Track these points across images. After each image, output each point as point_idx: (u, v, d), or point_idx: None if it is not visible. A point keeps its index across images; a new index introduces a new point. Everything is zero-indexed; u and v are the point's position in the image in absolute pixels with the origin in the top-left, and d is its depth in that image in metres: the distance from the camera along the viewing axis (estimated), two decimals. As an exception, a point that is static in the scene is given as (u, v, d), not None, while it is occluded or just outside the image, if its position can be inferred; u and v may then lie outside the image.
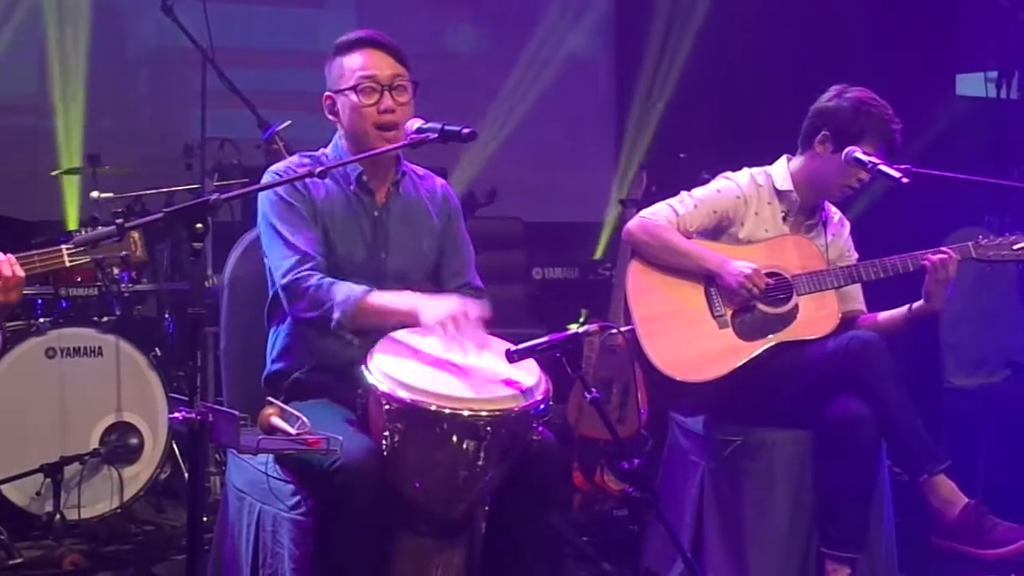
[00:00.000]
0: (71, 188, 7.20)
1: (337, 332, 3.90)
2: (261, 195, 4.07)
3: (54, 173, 6.57)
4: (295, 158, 4.22)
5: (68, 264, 3.98)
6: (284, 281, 3.95)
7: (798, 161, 4.85)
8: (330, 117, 4.17)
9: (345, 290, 3.88)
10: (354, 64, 4.07)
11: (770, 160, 4.92)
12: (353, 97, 4.04)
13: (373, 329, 3.89)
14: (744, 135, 7.92)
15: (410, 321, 3.84)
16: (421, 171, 4.33)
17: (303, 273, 3.92)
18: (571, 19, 9.30)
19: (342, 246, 4.04)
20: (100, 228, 3.75)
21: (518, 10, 9.10)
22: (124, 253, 3.99)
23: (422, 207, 4.24)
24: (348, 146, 4.14)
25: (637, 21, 9.03)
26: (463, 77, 8.22)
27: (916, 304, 4.70)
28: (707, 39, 8.38)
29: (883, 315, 4.83)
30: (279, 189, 4.01)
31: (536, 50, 9.11)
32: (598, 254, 8.51)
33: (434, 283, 4.23)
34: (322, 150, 4.21)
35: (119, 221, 3.44)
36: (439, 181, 4.35)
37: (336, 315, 3.85)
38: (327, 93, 4.15)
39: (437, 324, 3.73)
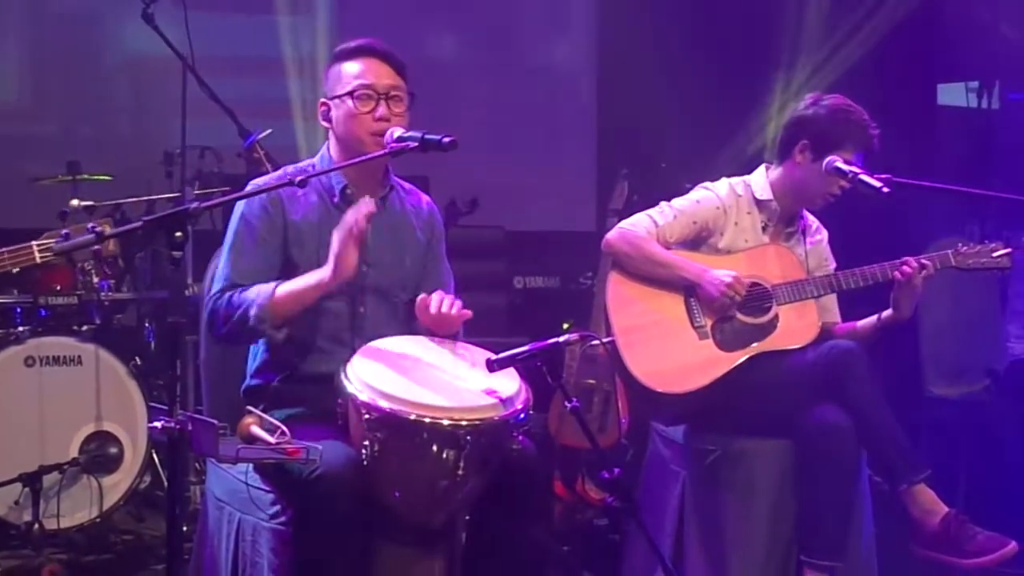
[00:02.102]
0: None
1: (258, 329, 3.90)
2: (235, 207, 4.07)
3: (45, 181, 6.54)
4: (279, 172, 4.22)
5: (39, 260, 3.96)
6: (208, 307, 4.00)
7: (777, 171, 4.85)
8: (323, 124, 4.15)
9: (256, 289, 3.91)
10: (353, 71, 4.07)
11: (750, 169, 4.93)
12: (349, 103, 4.03)
13: (294, 318, 3.91)
14: (726, 144, 7.98)
15: (324, 288, 3.87)
16: (408, 186, 4.32)
17: (222, 297, 3.96)
18: (553, 28, 9.31)
19: (324, 261, 4.02)
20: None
21: (500, 18, 9.09)
22: (96, 247, 3.96)
23: (407, 222, 4.23)
24: (338, 155, 4.13)
25: (619, 30, 9.03)
26: (444, 85, 8.21)
27: (885, 313, 4.72)
28: (689, 48, 8.37)
29: (858, 324, 4.85)
30: (248, 209, 4.03)
31: (518, 58, 9.12)
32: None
33: (412, 300, 4.19)
34: (308, 161, 4.21)
35: (99, 229, 3.42)
36: (424, 198, 4.34)
37: (253, 311, 3.86)
38: (322, 100, 4.14)
39: (339, 266, 3.78)
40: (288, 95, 8.08)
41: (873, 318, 4.77)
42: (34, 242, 4.04)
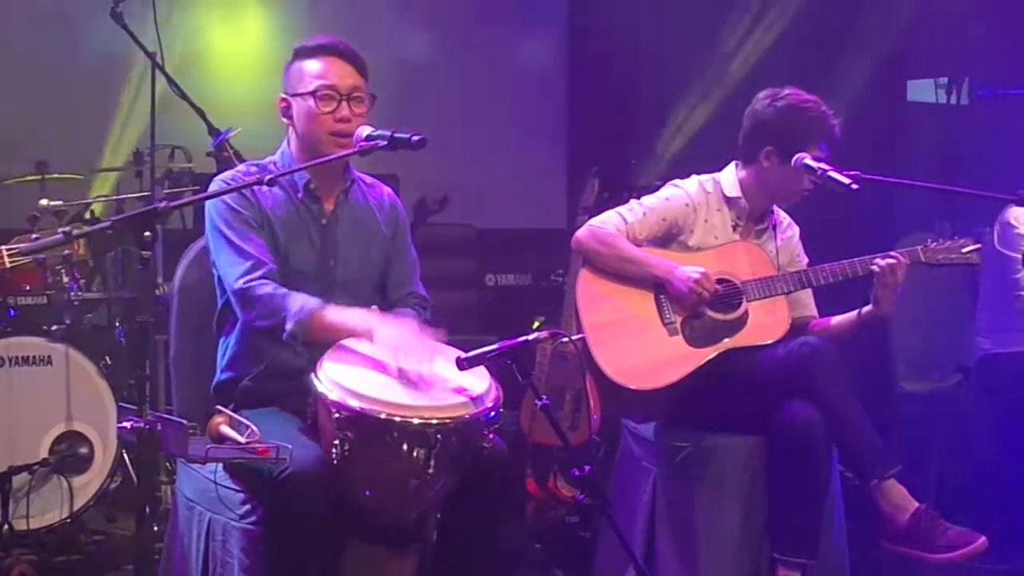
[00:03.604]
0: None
1: (288, 342, 3.89)
2: (208, 204, 4.05)
3: (10, 181, 6.51)
4: (242, 167, 4.20)
5: (8, 265, 3.94)
6: (237, 287, 3.93)
7: (745, 172, 4.85)
8: (284, 120, 4.15)
9: (300, 301, 3.87)
10: (314, 70, 4.06)
11: (721, 166, 4.93)
12: (311, 103, 4.03)
13: (324, 342, 3.89)
14: (697, 142, 7.99)
15: (358, 337, 3.84)
16: (369, 179, 4.33)
17: (256, 280, 3.90)
18: (524, 26, 9.31)
19: (292, 255, 4.03)
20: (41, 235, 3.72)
21: (471, 16, 9.09)
22: (67, 252, 3.95)
23: (370, 215, 4.23)
24: (299, 151, 4.13)
25: (590, 28, 9.04)
26: (414, 83, 8.21)
27: (865, 309, 4.70)
28: (659, 46, 8.38)
29: (834, 320, 4.85)
30: (226, 197, 4.00)
31: (488, 57, 9.12)
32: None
33: (379, 292, 4.22)
34: (269, 158, 4.20)
35: (66, 228, 3.41)
36: (386, 190, 4.35)
37: (289, 326, 3.84)
38: (282, 95, 4.13)
39: (391, 347, 3.74)
40: (258, 94, 8.05)
41: (853, 314, 4.77)
42: (3, 247, 4.02)
